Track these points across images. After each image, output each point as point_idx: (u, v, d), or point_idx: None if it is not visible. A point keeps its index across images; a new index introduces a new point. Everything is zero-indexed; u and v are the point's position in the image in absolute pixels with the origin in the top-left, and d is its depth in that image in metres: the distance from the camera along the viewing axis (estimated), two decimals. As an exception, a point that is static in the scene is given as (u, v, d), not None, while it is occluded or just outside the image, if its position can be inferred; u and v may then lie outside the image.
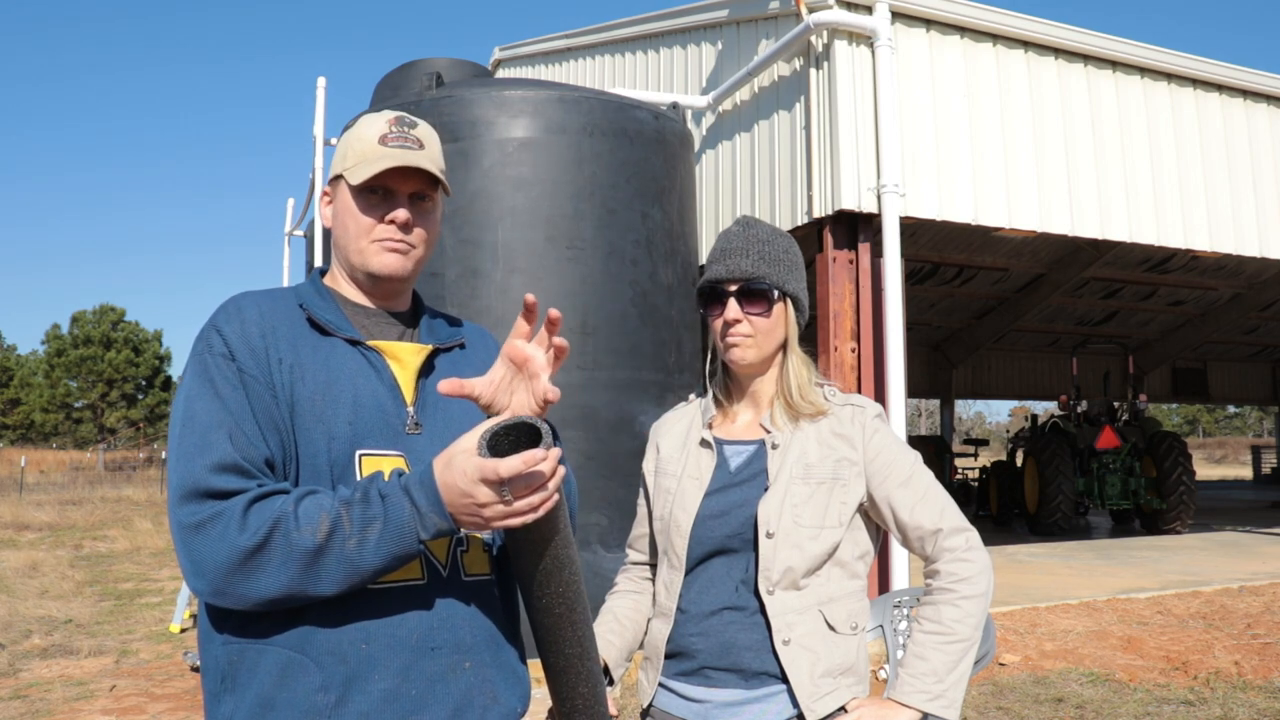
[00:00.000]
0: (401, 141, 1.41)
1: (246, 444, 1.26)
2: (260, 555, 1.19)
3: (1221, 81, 8.10)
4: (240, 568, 1.20)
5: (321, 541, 1.20)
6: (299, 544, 1.19)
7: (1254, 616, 6.67)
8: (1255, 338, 20.56)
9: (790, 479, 1.60)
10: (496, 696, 1.38)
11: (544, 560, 1.29)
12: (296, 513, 1.21)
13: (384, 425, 1.36)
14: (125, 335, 39.87)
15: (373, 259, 1.42)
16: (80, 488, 24.04)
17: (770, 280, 1.64)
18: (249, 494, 1.22)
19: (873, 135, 6.51)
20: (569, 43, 10.97)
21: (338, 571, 1.21)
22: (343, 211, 1.44)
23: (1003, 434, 38.40)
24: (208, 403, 1.27)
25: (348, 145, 1.44)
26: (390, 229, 1.41)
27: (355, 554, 1.21)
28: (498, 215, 5.74)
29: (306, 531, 1.20)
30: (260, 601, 1.21)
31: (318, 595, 1.22)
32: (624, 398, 5.84)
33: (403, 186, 1.42)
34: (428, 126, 1.48)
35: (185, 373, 1.33)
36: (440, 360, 1.48)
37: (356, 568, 1.21)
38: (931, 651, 1.54)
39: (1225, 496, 22.99)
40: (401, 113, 1.47)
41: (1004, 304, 17.28)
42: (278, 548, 1.19)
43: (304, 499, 1.23)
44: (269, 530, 1.20)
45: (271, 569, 1.20)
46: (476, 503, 1.19)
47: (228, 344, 1.31)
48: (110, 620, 7.65)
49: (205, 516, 1.21)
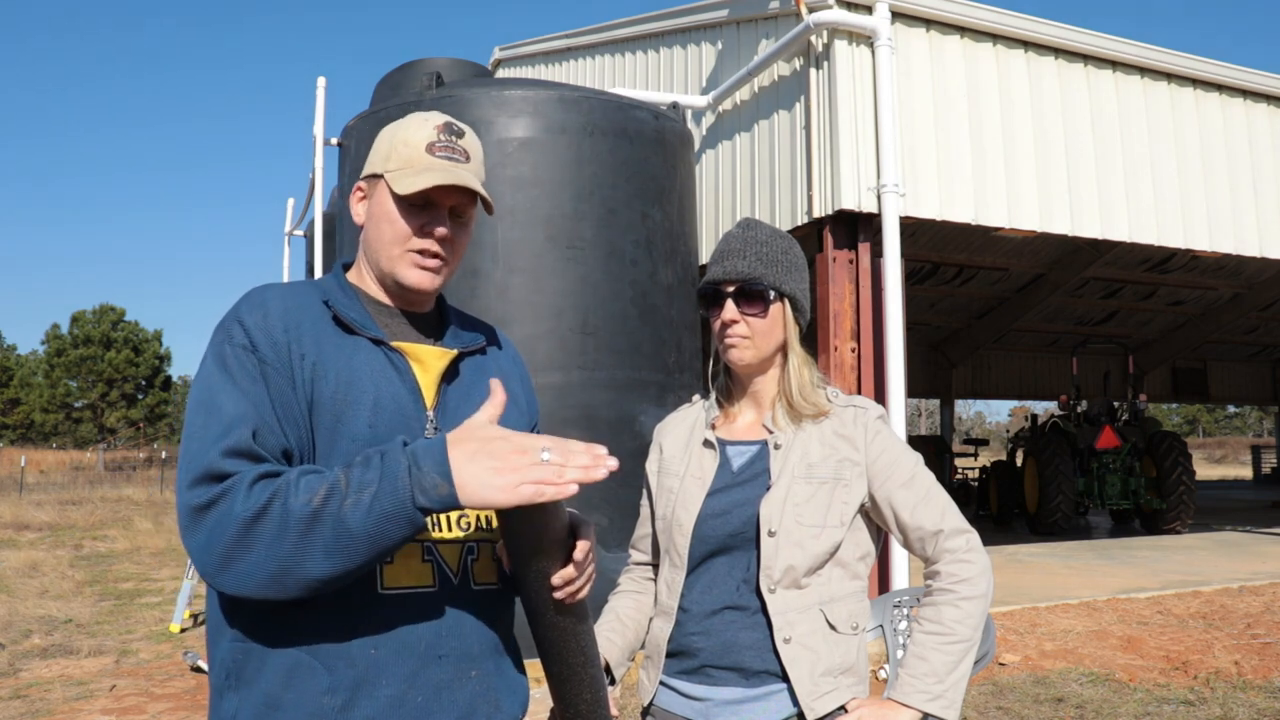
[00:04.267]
0: (449, 152, 1.39)
1: (265, 433, 1.23)
2: (258, 526, 1.14)
3: (1221, 81, 8.10)
4: (240, 542, 1.14)
5: (317, 506, 1.13)
6: (295, 510, 1.14)
7: (1254, 616, 6.67)
8: (1255, 338, 20.56)
9: (792, 479, 1.60)
10: (499, 705, 1.38)
11: (553, 570, 1.28)
12: (299, 482, 1.16)
13: (403, 427, 1.34)
14: (125, 335, 39.88)
15: (403, 270, 1.39)
16: (80, 488, 24.05)
17: (767, 281, 1.64)
18: (259, 469, 1.18)
19: (873, 135, 6.51)
20: (569, 43, 10.98)
21: (329, 538, 1.13)
22: (379, 214, 1.41)
23: (1003, 434, 38.42)
24: (226, 392, 1.25)
25: (392, 146, 1.41)
26: (427, 241, 1.38)
27: (348, 516, 1.13)
28: (498, 215, 5.74)
29: (304, 498, 1.14)
30: (259, 581, 1.15)
31: (308, 573, 1.14)
32: (624, 398, 5.84)
33: (445, 200, 1.39)
34: (473, 136, 1.45)
35: (204, 361, 1.31)
36: (464, 365, 1.47)
37: (347, 531, 1.13)
38: (932, 652, 1.54)
39: (1225, 496, 22.99)
40: (450, 118, 1.43)
41: (1004, 304, 17.28)
42: (274, 516, 1.14)
43: (308, 474, 1.18)
44: (269, 499, 1.15)
45: (267, 540, 1.14)
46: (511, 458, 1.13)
47: (249, 335, 1.29)
48: (110, 620, 7.65)
49: (214, 495, 1.17)
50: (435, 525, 1.35)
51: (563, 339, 5.72)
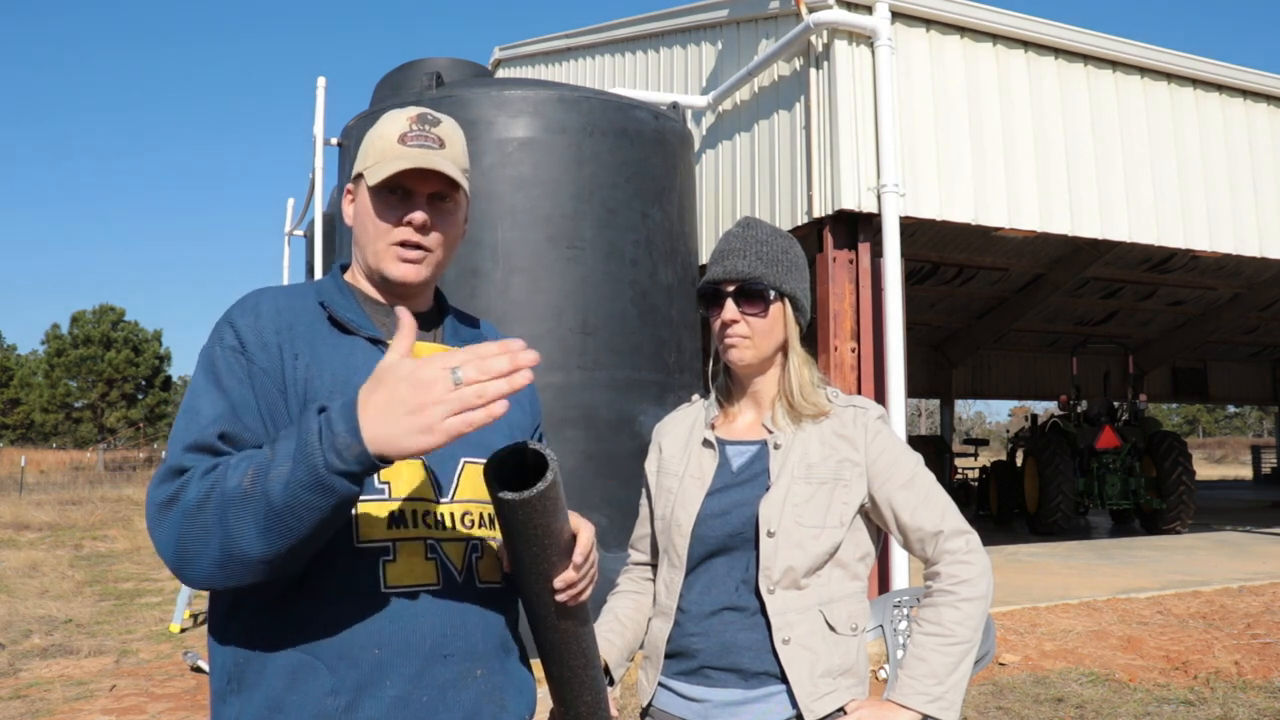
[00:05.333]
0: (421, 140, 1.38)
1: (240, 431, 1.23)
2: (202, 513, 1.12)
3: (1221, 81, 8.09)
4: (189, 531, 1.12)
5: (247, 486, 1.09)
6: (230, 491, 1.10)
7: (1254, 616, 6.67)
8: (1255, 338, 20.55)
9: (792, 479, 1.60)
10: (505, 705, 1.37)
11: (555, 572, 1.28)
12: (238, 463, 1.12)
13: None
14: (125, 335, 39.87)
15: (388, 264, 1.39)
16: (80, 487, 24.02)
17: (767, 280, 1.64)
18: (212, 461, 1.17)
19: (873, 135, 6.51)
20: (569, 43, 10.97)
21: (260, 516, 1.08)
22: (362, 212, 1.41)
23: (1003, 434, 38.38)
24: (206, 396, 1.26)
25: (369, 143, 1.41)
26: (407, 231, 1.37)
27: (271, 490, 1.07)
28: (498, 215, 5.74)
29: (236, 478, 1.10)
30: (210, 569, 1.13)
31: (249, 553, 1.10)
32: (624, 398, 5.84)
33: (421, 187, 1.39)
34: (452, 123, 1.44)
35: (196, 365, 1.32)
36: None
37: (272, 506, 1.08)
38: (931, 653, 1.54)
39: (1225, 496, 22.98)
40: (425, 110, 1.42)
41: (1004, 304, 17.28)
42: (215, 501, 1.11)
43: (253, 454, 1.13)
44: (210, 485, 1.12)
45: (211, 525, 1.11)
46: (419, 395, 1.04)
47: (240, 337, 1.29)
48: (110, 620, 7.65)
49: (174, 491, 1.16)
50: (438, 523, 1.34)
51: (562, 339, 5.72)
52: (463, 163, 1.43)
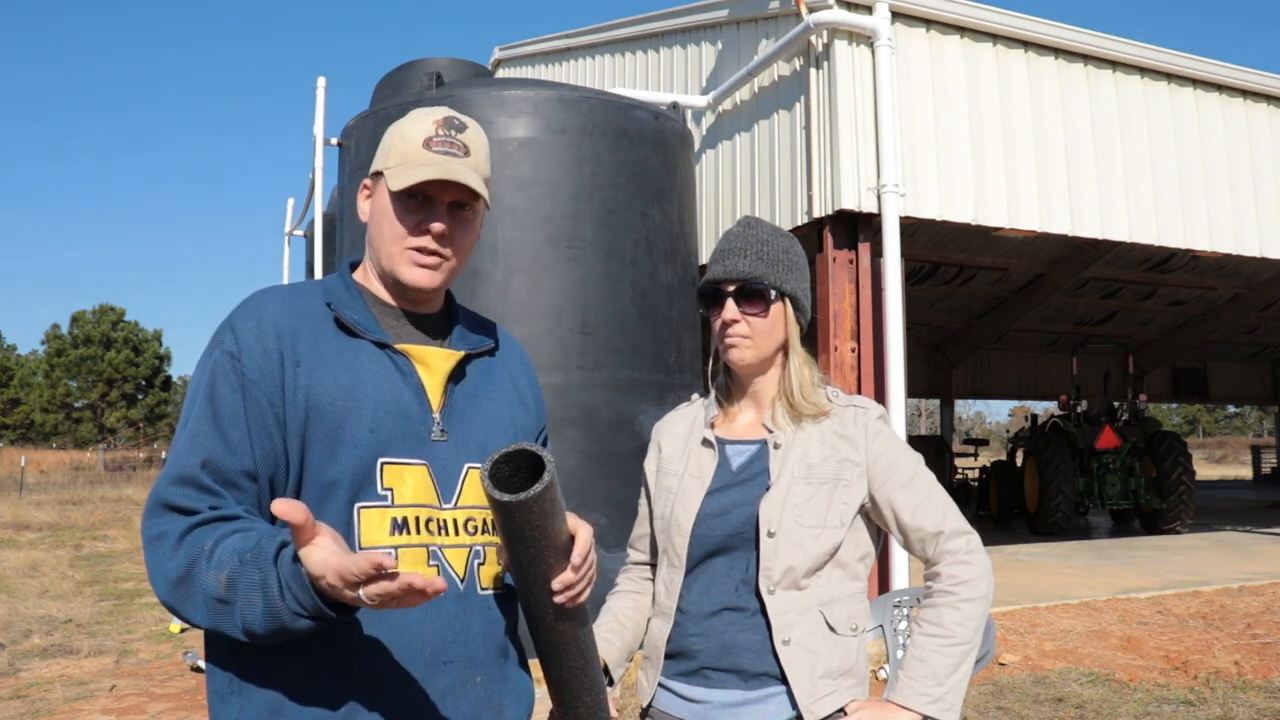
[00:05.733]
0: (446, 147, 1.36)
1: (224, 454, 1.24)
2: (184, 587, 1.18)
3: (1221, 81, 8.09)
4: (174, 593, 1.19)
5: (223, 594, 1.15)
6: (207, 588, 1.16)
7: (1254, 616, 6.67)
8: (1255, 338, 20.55)
9: (792, 479, 1.59)
10: (503, 710, 1.37)
11: (553, 574, 1.28)
12: (211, 553, 1.17)
13: (408, 433, 1.32)
14: (125, 335, 39.86)
15: (403, 269, 1.37)
16: (80, 488, 24.02)
17: (767, 280, 1.63)
18: (191, 520, 1.20)
19: (873, 135, 6.51)
20: (569, 43, 10.97)
21: (239, 627, 1.16)
22: (379, 212, 1.39)
23: (1003, 434, 38.38)
24: (199, 406, 1.27)
25: (391, 143, 1.39)
26: (425, 239, 1.36)
27: (249, 617, 1.14)
28: (498, 215, 5.74)
29: (211, 578, 1.16)
30: (197, 622, 1.20)
31: (240, 638, 1.17)
32: (624, 398, 5.83)
33: (442, 195, 1.37)
34: (476, 129, 1.42)
35: (196, 367, 1.33)
36: (471, 366, 1.44)
37: (251, 630, 1.15)
38: (931, 654, 1.53)
39: (1225, 496, 22.98)
40: (452, 114, 1.40)
41: (1004, 304, 17.28)
42: (196, 586, 1.17)
43: (225, 539, 1.18)
44: (189, 565, 1.17)
45: (196, 603, 1.18)
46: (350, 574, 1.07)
47: (238, 343, 1.28)
48: (110, 620, 7.65)
49: (156, 533, 1.21)
50: (441, 530, 1.33)
51: (562, 339, 5.71)
52: (485, 170, 1.42)
